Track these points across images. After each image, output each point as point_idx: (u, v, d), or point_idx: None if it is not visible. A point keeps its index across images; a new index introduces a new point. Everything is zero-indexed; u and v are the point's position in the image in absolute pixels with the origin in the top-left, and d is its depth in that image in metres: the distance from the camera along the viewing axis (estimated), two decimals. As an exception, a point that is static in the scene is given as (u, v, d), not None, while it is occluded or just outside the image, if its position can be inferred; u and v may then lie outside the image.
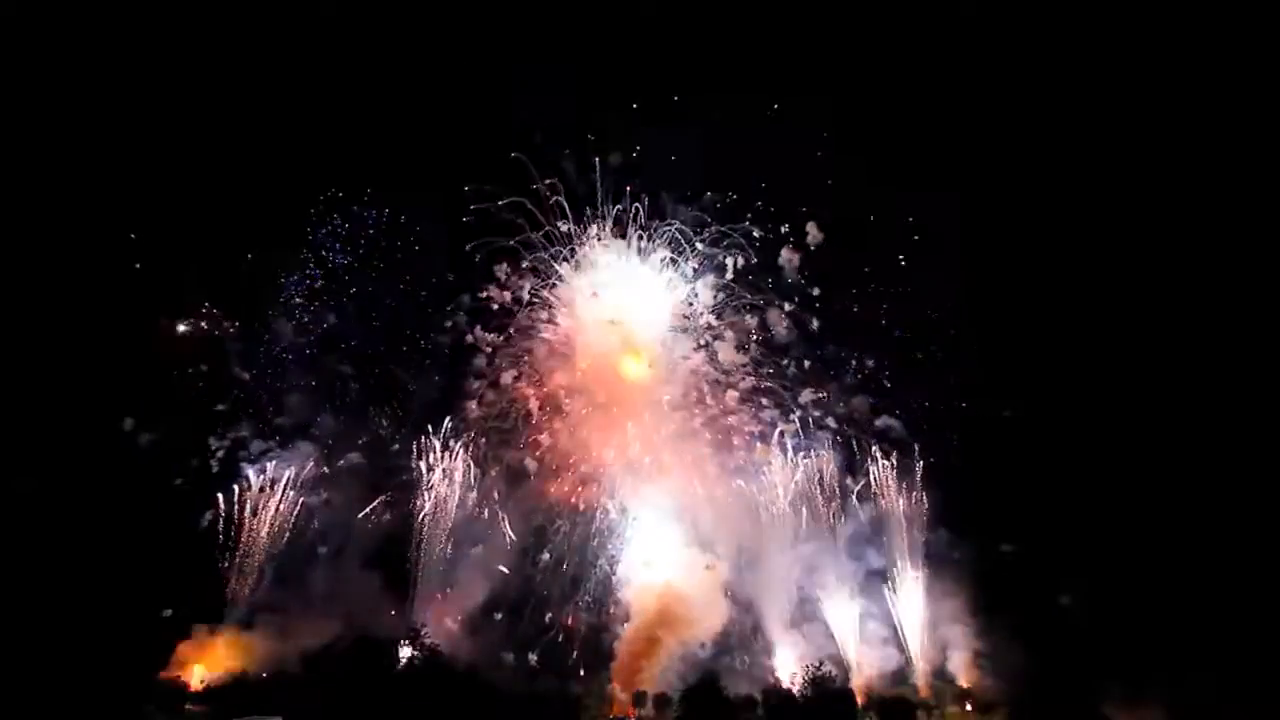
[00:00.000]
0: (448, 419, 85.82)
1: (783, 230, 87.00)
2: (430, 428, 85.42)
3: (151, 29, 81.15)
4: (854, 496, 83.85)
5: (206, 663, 75.58)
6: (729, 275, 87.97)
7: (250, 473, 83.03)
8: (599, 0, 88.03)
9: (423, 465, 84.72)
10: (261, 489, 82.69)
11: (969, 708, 73.80)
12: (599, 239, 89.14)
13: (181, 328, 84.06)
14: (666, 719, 70.28)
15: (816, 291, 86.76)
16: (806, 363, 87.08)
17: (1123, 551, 72.82)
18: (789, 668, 75.27)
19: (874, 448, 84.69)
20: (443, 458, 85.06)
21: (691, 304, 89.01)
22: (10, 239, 75.44)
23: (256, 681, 71.09)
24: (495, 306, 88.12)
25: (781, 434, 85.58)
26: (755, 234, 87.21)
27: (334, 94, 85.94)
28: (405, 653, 71.31)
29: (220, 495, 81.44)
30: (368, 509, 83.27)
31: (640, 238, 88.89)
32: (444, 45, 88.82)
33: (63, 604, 67.65)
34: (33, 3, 77.24)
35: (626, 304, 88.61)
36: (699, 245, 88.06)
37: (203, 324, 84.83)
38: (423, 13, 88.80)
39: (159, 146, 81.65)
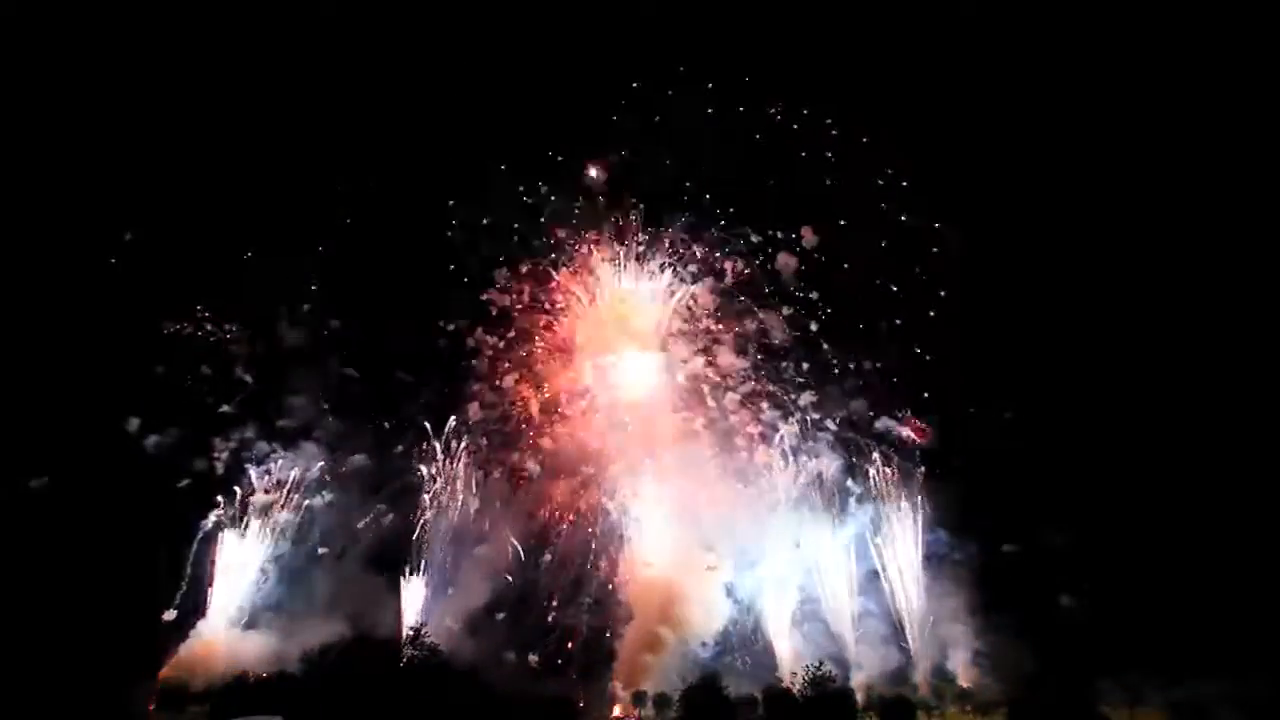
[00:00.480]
0: (451, 420, 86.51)
1: (779, 235, 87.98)
2: (432, 430, 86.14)
3: (154, 29, 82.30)
4: (854, 497, 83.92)
5: (206, 663, 75.56)
6: (728, 279, 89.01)
7: (253, 474, 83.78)
8: (597, 1, 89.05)
9: (424, 467, 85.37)
10: (265, 490, 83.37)
11: (969, 708, 73.63)
12: (597, 243, 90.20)
13: (186, 330, 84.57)
14: (666, 719, 70.21)
15: (815, 295, 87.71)
16: (805, 365, 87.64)
17: (1123, 552, 72.94)
18: (789, 667, 75.14)
19: (874, 450, 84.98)
20: (445, 460, 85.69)
21: (690, 308, 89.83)
22: (16, 241, 76.25)
23: (256, 681, 70.76)
24: (495, 310, 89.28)
25: (782, 436, 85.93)
26: (754, 238, 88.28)
27: (336, 95, 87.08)
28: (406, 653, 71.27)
29: (223, 497, 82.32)
30: (370, 510, 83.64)
31: (639, 242, 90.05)
32: (444, 46, 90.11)
33: (65, 604, 67.85)
34: (33, 3, 78.03)
35: (625, 307, 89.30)
36: (697, 250, 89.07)
37: (207, 326, 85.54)
38: (423, 14, 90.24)
39: (162, 148, 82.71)
